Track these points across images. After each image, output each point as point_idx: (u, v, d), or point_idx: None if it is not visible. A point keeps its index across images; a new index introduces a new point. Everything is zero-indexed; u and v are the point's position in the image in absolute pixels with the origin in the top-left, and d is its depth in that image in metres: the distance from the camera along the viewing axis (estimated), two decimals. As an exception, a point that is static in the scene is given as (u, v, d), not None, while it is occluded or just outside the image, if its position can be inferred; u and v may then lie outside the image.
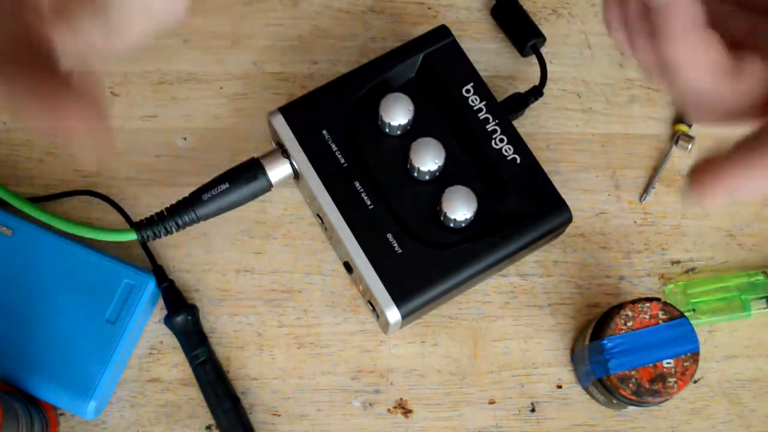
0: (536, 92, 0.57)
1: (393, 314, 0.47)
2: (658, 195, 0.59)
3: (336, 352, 0.55)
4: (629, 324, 0.51)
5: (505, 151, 0.50)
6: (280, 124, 0.50)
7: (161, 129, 0.58)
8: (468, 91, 0.51)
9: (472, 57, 0.60)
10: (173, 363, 0.55)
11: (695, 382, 0.56)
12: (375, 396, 0.55)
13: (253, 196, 0.51)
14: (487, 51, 0.61)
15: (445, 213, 0.48)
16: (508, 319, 0.56)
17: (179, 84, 0.59)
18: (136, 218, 0.56)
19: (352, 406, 0.55)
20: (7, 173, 0.57)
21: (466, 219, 0.48)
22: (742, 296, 0.57)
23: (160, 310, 0.55)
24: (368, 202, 0.49)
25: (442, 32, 0.53)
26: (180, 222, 0.50)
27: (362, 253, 0.47)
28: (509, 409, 0.55)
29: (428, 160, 0.48)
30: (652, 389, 0.49)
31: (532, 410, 0.55)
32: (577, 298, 0.57)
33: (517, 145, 0.50)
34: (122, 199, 0.57)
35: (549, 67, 0.59)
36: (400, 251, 0.48)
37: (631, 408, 0.53)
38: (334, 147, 0.49)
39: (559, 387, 0.56)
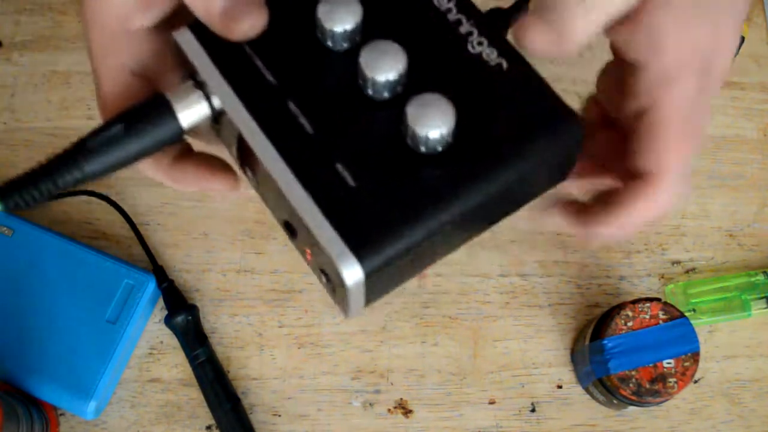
0: (520, 6, 0.43)
1: (352, 273, 0.32)
2: (658, 195, 0.59)
3: (336, 352, 0.55)
4: (629, 324, 0.51)
5: (487, 55, 0.37)
6: (189, 42, 0.36)
7: (161, 129, 0.58)
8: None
9: None
10: (173, 363, 0.54)
11: (695, 382, 0.56)
12: (375, 396, 0.55)
13: (158, 144, 0.37)
14: None
15: (413, 130, 0.34)
16: (508, 319, 0.56)
17: (179, 84, 0.59)
18: (136, 218, 0.56)
19: (353, 406, 0.55)
20: (7, 173, 0.57)
21: (441, 137, 0.35)
22: (742, 296, 0.57)
23: (160, 310, 0.55)
24: (307, 127, 0.35)
25: None
26: (60, 182, 0.36)
27: (303, 191, 0.33)
28: (509, 409, 0.55)
29: (384, 66, 0.35)
30: (652, 389, 0.49)
31: (533, 410, 0.55)
32: (577, 298, 0.57)
33: (501, 48, 0.37)
34: (122, 199, 0.57)
35: (549, 67, 0.59)
36: (354, 184, 0.34)
37: (631, 408, 0.53)
38: (259, 63, 0.36)
39: (560, 387, 0.56)
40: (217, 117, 0.37)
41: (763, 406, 0.56)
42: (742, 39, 0.61)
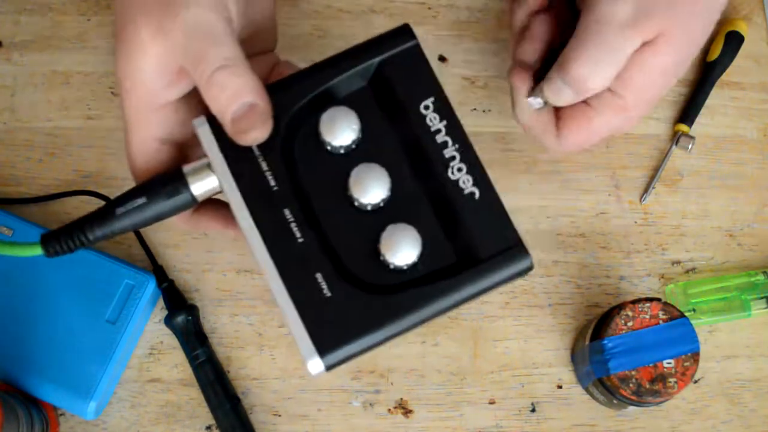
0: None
1: (315, 365, 0.40)
2: (659, 195, 0.59)
3: (336, 352, 0.55)
4: (629, 324, 0.51)
5: (463, 183, 0.42)
6: (205, 133, 0.42)
7: (161, 129, 0.58)
8: (427, 107, 0.43)
9: (473, 57, 0.60)
10: (173, 363, 0.54)
11: (695, 382, 0.56)
12: (375, 396, 0.55)
13: (175, 211, 0.43)
14: (486, 51, 0.61)
15: (384, 255, 0.41)
16: (508, 319, 0.56)
17: (179, 84, 0.59)
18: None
19: (353, 406, 0.55)
20: (7, 173, 0.57)
21: (408, 263, 0.41)
22: (742, 296, 0.57)
23: (160, 310, 0.55)
24: (298, 235, 0.41)
25: (404, 33, 0.44)
26: (91, 237, 0.43)
27: (286, 292, 0.40)
28: (509, 409, 0.55)
29: (370, 190, 0.41)
30: (652, 389, 0.49)
31: (533, 410, 0.55)
32: (577, 298, 0.57)
33: (476, 176, 0.42)
34: (122, 199, 0.57)
35: (549, 67, 0.59)
36: (330, 294, 0.40)
37: (631, 408, 0.53)
38: (264, 166, 0.42)
39: (560, 387, 0.56)
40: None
41: (763, 406, 0.56)
42: (742, 39, 0.61)
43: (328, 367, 0.40)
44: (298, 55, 0.60)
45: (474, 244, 0.41)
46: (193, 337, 0.53)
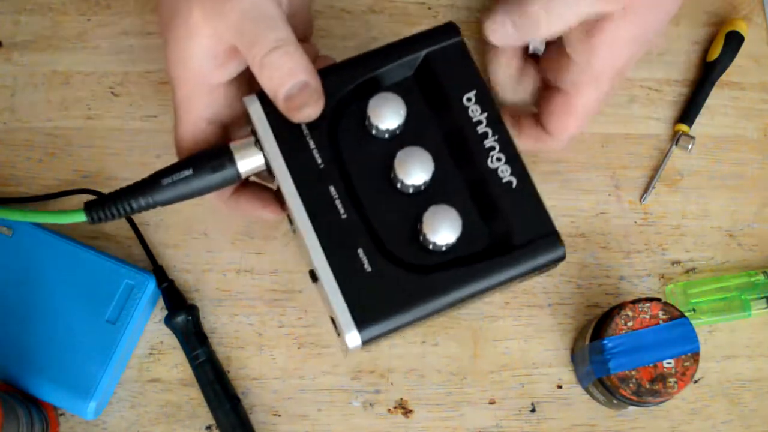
0: None
1: (353, 338, 0.42)
2: (659, 195, 0.59)
3: (336, 352, 0.55)
4: (629, 324, 0.51)
5: (501, 171, 0.44)
6: (256, 110, 0.44)
7: (161, 129, 0.58)
8: (469, 99, 0.45)
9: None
10: (173, 363, 0.54)
11: (695, 382, 0.56)
12: (375, 396, 0.55)
13: (219, 185, 0.45)
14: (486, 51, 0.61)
15: (425, 234, 0.43)
16: (508, 319, 0.56)
17: (179, 84, 0.59)
18: (136, 218, 0.56)
19: (353, 406, 0.55)
20: (7, 173, 0.57)
21: (447, 243, 0.43)
22: (742, 296, 0.57)
23: (160, 310, 0.55)
24: (341, 211, 0.43)
25: (450, 30, 0.47)
26: (135, 206, 0.45)
27: (327, 266, 0.42)
28: (509, 409, 0.55)
29: (414, 172, 0.43)
30: (652, 389, 0.50)
31: (533, 410, 0.55)
32: (577, 298, 0.57)
33: (515, 166, 0.45)
34: (122, 199, 0.57)
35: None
36: (370, 269, 0.42)
37: (631, 408, 0.53)
38: (312, 144, 0.44)
39: (560, 387, 0.56)
40: (271, 170, 0.44)
41: (763, 406, 0.56)
42: (742, 39, 0.61)
43: (365, 342, 0.42)
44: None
45: (509, 230, 0.43)
46: (193, 337, 0.53)
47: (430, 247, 0.43)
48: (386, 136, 0.45)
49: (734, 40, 0.61)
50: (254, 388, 0.55)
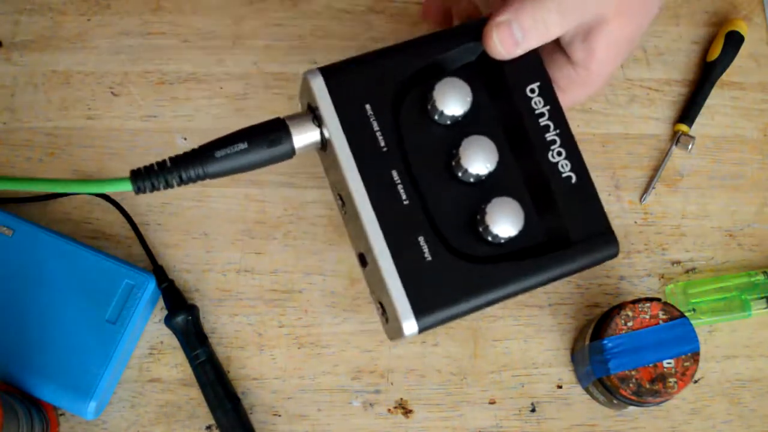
0: None
1: (410, 326, 0.41)
2: (659, 195, 0.59)
3: (336, 352, 0.55)
4: (629, 324, 0.51)
5: (562, 166, 0.44)
6: (319, 86, 0.43)
7: (161, 129, 0.58)
8: (533, 90, 0.44)
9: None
10: (173, 363, 0.54)
11: (695, 382, 0.56)
12: (375, 396, 0.55)
13: (272, 161, 0.44)
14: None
15: (488, 225, 0.42)
16: (508, 319, 0.56)
17: (179, 84, 0.59)
18: (136, 218, 0.56)
19: (353, 406, 0.55)
20: (7, 173, 0.57)
21: (509, 236, 0.43)
22: (742, 296, 0.57)
23: (160, 310, 0.55)
24: (404, 197, 0.42)
25: None
26: (184, 176, 0.42)
27: (387, 251, 0.41)
28: (510, 409, 0.55)
29: (479, 162, 0.42)
30: (652, 389, 0.49)
31: (533, 410, 0.55)
32: (577, 298, 0.57)
33: (575, 162, 0.44)
34: (122, 199, 0.57)
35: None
36: (430, 258, 0.42)
37: (631, 408, 0.53)
38: (375, 126, 0.43)
39: (560, 387, 0.56)
40: (325, 145, 0.43)
41: (763, 406, 0.56)
42: (742, 39, 0.61)
43: (422, 329, 0.41)
44: (299, 56, 0.60)
45: (566, 226, 0.43)
46: (193, 337, 0.53)
47: (490, 238, 0.43)
48: (448, 122, 0.44)
49: (734, 40, 0.61)
50: (254, 388, 0.55)
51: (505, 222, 0.42)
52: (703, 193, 0.60)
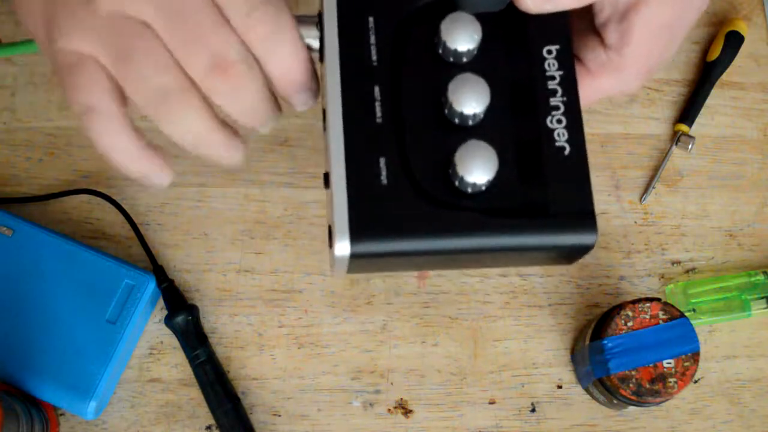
0: None
1: (342, 247, 0.38)
2: (659, 195, 0.59)
3: (336, 352, 0.55)
4: (629, 324, 0.51)
5: (558, 134, 0.40)
6: None
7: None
8: (550, 52, 0.41)
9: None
10: (173, 363, 0.54)
11: (695, 382, 0.56)
12: (375, 396, 0.55)
13: None
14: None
15: (455, 167, 0.39)
16: (508, 319, 0.56)
17: (179, 84, 0.59)
18: (135, 218, 0.56)
19: (353, 406, 0.55)
20: (7, 173, 0.57)
21: (476, 184, 0.39)
22: (742, 296, 0.57)
23: (160, 310, 0.55)
24: (378, 114, 0.40)
25: None
26: None
27: (343, 166, 0.38)
28: (509, 409, 0.55)
29: (466, 101, 0.39)
30: (652, 389, 0.49)
31: (533, 410, 0.55)
32: (577, 298, 0.57)
33: (574, 134, 0.41)
34: (122, 199, 0.57)
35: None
36: (386, 183, 0.38)
37: (631, 408, 0.53)
38: (372, 39, 0.41)
39: (560, 387, 0.56)
40: (322, 56, 0.41)
41: (763, 406, 0.56)
42: (742, 39, 0.61)
43: (354, 254, 0.38)
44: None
45: (547, 196, 0.40)
46: (193, 337, 0.53)
47: (457, 183, 0.39)
48: (451, 59, 0.41)
49: (734, 40, 0.61)
50: (254, 388, 0.55)
51: (474, 166, 0.38)
52: (703, 193, 0.60)
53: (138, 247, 0.56)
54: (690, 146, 0.59)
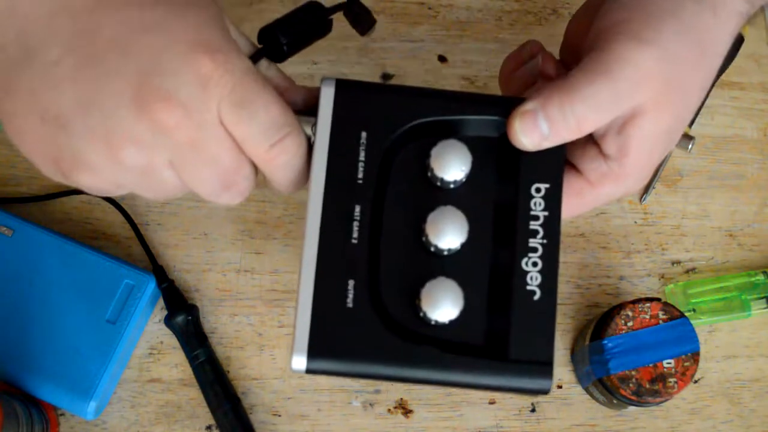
0: None
1: (299, 362, 0.39)
2: (658, 195, 0.59)
3: (336, 352, 0.55)
4: (629, 324, 0.51)
5: (531, 278, 0.40)
6: (327, 96, 0.41)
7: (161, 129, 0.58)
8: (538, 190, 0.41)
9: (472, 57, 0.60)
10: (173, 363, 0.54)
11: (695, 382, 0.56)
12: (375, 396, 0.55)
13: None
14: (486, 51, 0.61)
15: (421, 301, 0.39)
16: (508, 319, 0.56)
17: (179, 84, 0.59)
18: (135, 218, 0.56)
19: (352, 406, 0.55)
20: (7, 173, 0.57)
21: (438, 320, 0.39)
22: (742, 296, 0.57)
23: (160, 310, 0.55)
24: (354, 235, 0.40)
25: None
26: None
27: (312, 281, 0.39)
28: (509, 409, 0.55)
29: (443, 236, 0.39)
30: (652, 389, 0.49)
31: (533, 410, 0.55)
32: (577, 298, 0.57)
33: (546, 280, 0.40)
34: (122, 199, 0.57)
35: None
36: (351, 306, 0.39)
37: (631, 408, 0.53)
38: (362, 156, 0.41)
39: (560, 387, 0.56)
40: (311, 149, 0.41)
41: (763, 406, 0.56)
42: (742, 39, 0.61)
43: (309, 370, 0.39)
44: (298, 56, 0.60)
45: (508, 339, 0.40)
46: (193, 337, 0.53)
47: (421, 314, 0.39)
48: (438, 184, 0.41)
49: (734, 40, 0.61)
50: (254, 388, 0.55)
51: (439, 305, 0.39)
52: (703, 193, 0.60)
53: (138, 247, 0.56)
54: (690, 146, 0.59)
